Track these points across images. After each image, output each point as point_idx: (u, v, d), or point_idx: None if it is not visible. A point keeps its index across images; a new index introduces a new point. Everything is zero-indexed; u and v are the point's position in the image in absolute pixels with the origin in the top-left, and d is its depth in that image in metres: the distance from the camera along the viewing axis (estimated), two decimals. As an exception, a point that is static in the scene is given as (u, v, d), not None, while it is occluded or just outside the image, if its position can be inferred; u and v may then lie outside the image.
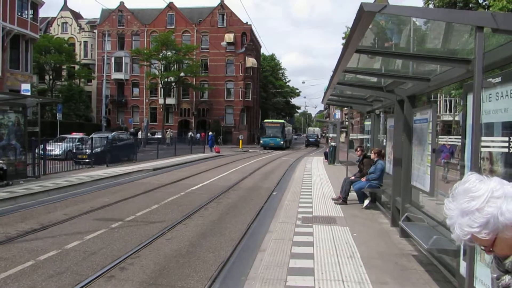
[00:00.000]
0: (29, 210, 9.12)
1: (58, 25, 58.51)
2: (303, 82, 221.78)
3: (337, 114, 53.70)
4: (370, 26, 5.57)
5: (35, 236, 6.92)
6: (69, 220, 8.18)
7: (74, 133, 27.18)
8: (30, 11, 32.48)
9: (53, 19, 59.30)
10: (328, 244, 6.45)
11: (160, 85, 51.08)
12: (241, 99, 55.47)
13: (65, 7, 59.23)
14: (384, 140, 9.93)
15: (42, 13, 43.37)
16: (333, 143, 25.92)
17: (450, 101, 38.15)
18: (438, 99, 36.73)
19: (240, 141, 45.65)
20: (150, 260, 5.84)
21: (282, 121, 49.94)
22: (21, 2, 31.18)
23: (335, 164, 22.98)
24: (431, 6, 24.50)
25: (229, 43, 54.79)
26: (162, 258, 5.94)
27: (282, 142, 44.75)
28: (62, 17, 58.65)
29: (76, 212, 8.96)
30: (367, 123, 16.27)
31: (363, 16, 2.98)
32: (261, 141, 46.37)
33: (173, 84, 51.27)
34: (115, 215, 8.71)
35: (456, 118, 34.01)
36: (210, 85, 55.50)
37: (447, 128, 37.11)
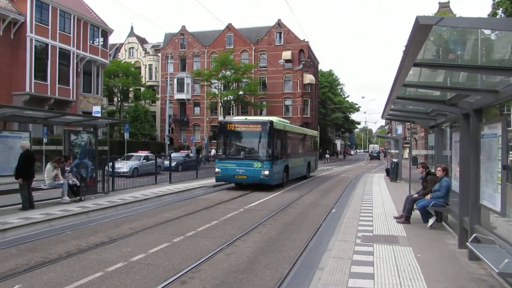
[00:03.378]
0: (99, 224, 9.70)
1: (126, 50, 62.69)
2: (363, 97, 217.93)
3: (399, 129, 51.76)
4: (432, 39, 5.43)
5: (104, 249, 7.34)
6: (135, 234, 8.59)
7: (139, 151, 28.55)
8: (101, 39, 35.36)
9: (121, 45, 63.72)
10: (389, 264, 6.21)
11: (220, 104, 52.49)
12: (299, 116, 55.36)
13: (131, 34, 63.53)
14: (449, 156, 9.44)
15: (111, 40, 46.70)
16: (395, 159, 25.01)
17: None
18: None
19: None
20: (209, 274, 5.96)
21: (269, 119, 18.89)
22: (92, 31, 34.12)
23: (398, 181, 22.17)
24: (499, 11, 23.25)
25: (286, 61, 55.45)
26: (221, 273, 6.04)
27: (267, 172, 17.19)
28: (129, 42, 62.90)
29: (141, 226, 9.40)
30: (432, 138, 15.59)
31: (419, 30, 2.92)
32: (216, 169, 18.32)
33: (232, 102, 52.53)
34: (177, 230, 9.01)
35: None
36: (268, 102, 56.15)
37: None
